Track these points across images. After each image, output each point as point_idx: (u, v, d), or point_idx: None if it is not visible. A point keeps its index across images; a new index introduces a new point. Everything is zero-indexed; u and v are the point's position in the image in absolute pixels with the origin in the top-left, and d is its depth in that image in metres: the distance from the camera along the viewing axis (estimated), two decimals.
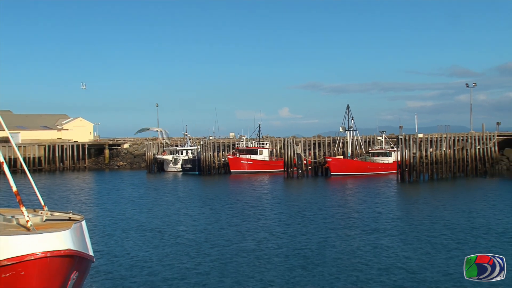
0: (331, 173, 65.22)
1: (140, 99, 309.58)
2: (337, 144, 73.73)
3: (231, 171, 72.98)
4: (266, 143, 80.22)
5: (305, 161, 68.12)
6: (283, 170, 68.11)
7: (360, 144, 75.25)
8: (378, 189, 50.64)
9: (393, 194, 47.88)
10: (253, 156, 75.21)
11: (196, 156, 79.31)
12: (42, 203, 14.27)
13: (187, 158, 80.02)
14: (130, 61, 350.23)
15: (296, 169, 67.09)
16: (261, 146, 77.84)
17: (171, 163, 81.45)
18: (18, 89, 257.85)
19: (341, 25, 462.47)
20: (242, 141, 79.74)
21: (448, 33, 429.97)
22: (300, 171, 67.18)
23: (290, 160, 67.08)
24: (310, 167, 68.85)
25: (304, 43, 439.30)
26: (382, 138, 76.28)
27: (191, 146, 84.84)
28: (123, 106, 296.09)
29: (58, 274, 11.28)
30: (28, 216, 11.94)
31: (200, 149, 76.15)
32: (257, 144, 78.80)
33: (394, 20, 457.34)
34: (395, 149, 67.53)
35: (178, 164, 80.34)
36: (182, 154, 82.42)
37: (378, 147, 75.25)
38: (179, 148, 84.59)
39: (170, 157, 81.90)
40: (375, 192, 47.94)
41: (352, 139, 72.35)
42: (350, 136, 71.49)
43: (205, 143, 75.40)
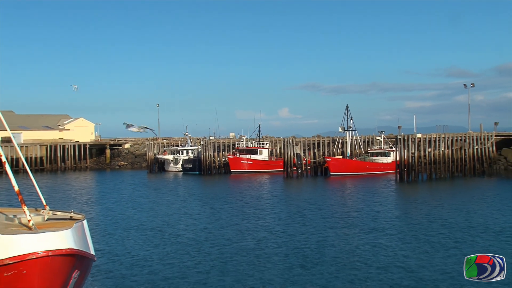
0: (331, 173, 65.31)
1: (141, 99, 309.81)
2: (336, 144, 73.81)
3: (231, 171, 73.07)
4: (266, 143, 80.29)
5: (304, 161, 68.26)
6: (282, 170, 68.21)
7: (359, 144, 75.41)
8: (377, 189, 50.74)
9: (391, 194, 48.01)
10: (253, 156, 75.29)
11: (196, 156, 79.39)
12: (44, 203, 14.30)
13: (188, 158, 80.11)
14: (131, 62, 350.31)
15: (295, 169, 67.24)
16: (261, 146, 77.92)
17: (172, 163, 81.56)
18: (20, 89, 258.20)
19: (341, 26, 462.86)
20: (242, 141, 79.84)
21: (446, 34, 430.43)
22: (299, 171, 67.33)
23: (290, 160, 67.23)
24: (309, 167, 68.98)
25: (303, 44, 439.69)
26: (381, 138, 76.34)
27: (191, 146, 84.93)
28: (124, 107, 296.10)
29: (59, 273, 11.27)
30: (30, 216, 11.96)
31: (201, 149, 76.22)
32: (257, 144, 78.89)
33: (393, 21, 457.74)
34: (393, 149, 67.61)
35: (178, 164, 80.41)
36: (182, 154, 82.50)
37: (377, 147, 75.35)
38: (179, 148, 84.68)
39: (170, 157, 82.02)
40: (374, 192, 48.04)
41: (351, 139, 72.47)
42: (349, 136, 71.61)
43: (205, 143, 75.50)
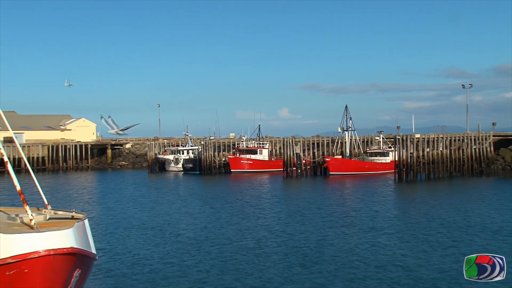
0: (330, 173, 65.48)
1: (141, 99, 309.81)
2: (335, 144, 73.91)
3: (232, 170, 73.22)
4: (266, 143, 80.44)
5: (304, 161, 68.40)
6: (282, 169, 68.37)
7: (358, 144, 75.60)
8: (376, 188, 50.88)
9: (390, 193, 48.15)
10: (253, 156, 75.45)
11: (197, 156, 79.49)
12: (46, 202, 14.27)
13: (188, 158, 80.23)
14: (131, 62, 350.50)
15: (295, 168, 67.37)
16: (261, 146, 78.08)
17: (173, 162, 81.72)
18: (22, 90, 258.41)
19: (340, 27, 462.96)
20: (242, 141, 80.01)
21: (445, 35, 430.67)
22: (299, 171, 67.46)
23: (290, 160, 67.37)
24: (309, 167, 69.09)
25: (303, 44, 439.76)
26: (380, 138, 76.47)
27: (192, 146, 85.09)
28: (124, 107, 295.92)
29: (61, 272, 11.25)
30: (31, 215, 11.96)
31: (201, 149, 76.30)
32: (257, 144, 79.05)
33: (392, 22, 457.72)
34: (392, 149, 67.78)
35: (179, 163, 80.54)
36: (183, 154, 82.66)
37: (376, 147, 75.53)
38: (180, 148, 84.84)
39: (171, 157, 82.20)
40: (373, 191, 48.16)
41: (351, 139, 72.63)
42: (349, 136, 71.80)
43: (205, 143, 75.61)
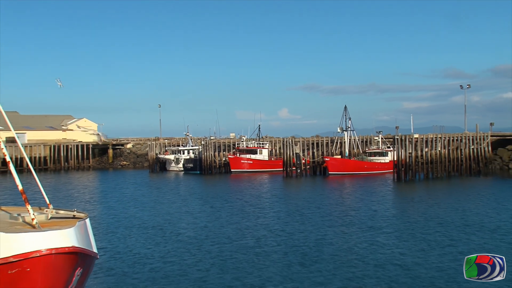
0: (329, 173, 65.71)
1: (141, 99, 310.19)
2: (335, 144, 74.12)
3: (232, 170, 73.41)
4: (266, 143, 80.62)
5: (303, 161, 68.56)
6: (282, 169, 68.53)
7: (357, 144, 75.84)
8: (375, 188, 50.99)
9: (389, 193, 48.26)
10: (253, 156, 75.62)
11: (197, 155, 79.63)
12: (47, 202, 14.44)
13: (189, 158, 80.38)
14: (132, 62, 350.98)
15: (295, 168, 67.52)
16: (261, 146, 78.25)
17: (173, 162, 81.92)
18: (24, 90, 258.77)
19: (340, 28, 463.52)
20: (242, 141, 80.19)
21: (444, 35, 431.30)
22: (299, 171, 67.59)
23: (289, 159, 67.51)
24: (308, 167, 69.22)
25: (303, 45, 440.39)
26: (379, 138, 76.69)
27: (192, 146, 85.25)
28: (125, 107, 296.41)
29: (62, 270, 11.38)
30: (33, 214, 12.09)
31: (201, 149, 76.49)
32: (257, 144, 79.22)
33: (391, 23, 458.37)
34: (391, 149, 67.94)
35: (180, 163, 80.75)
36: (183, 153, 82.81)
37: (374, 147, 75.74)
38: (181, 148, 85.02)
39: (172, 157, 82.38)
40: (372, 191, 48.28)
41: (350, 139, 72.85)
42: (348, 136, 72.04)
43: (206, 143, 75.77)
